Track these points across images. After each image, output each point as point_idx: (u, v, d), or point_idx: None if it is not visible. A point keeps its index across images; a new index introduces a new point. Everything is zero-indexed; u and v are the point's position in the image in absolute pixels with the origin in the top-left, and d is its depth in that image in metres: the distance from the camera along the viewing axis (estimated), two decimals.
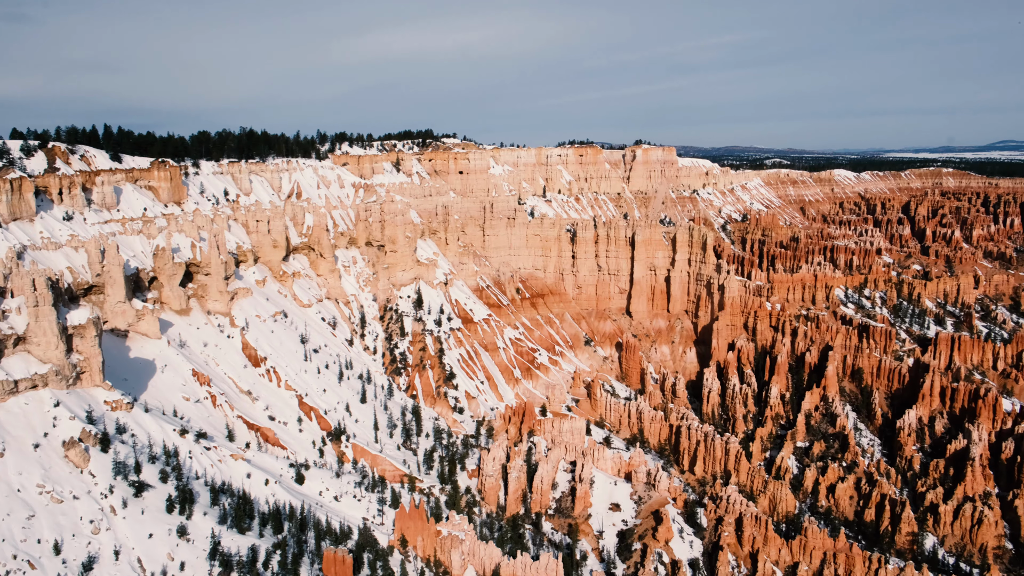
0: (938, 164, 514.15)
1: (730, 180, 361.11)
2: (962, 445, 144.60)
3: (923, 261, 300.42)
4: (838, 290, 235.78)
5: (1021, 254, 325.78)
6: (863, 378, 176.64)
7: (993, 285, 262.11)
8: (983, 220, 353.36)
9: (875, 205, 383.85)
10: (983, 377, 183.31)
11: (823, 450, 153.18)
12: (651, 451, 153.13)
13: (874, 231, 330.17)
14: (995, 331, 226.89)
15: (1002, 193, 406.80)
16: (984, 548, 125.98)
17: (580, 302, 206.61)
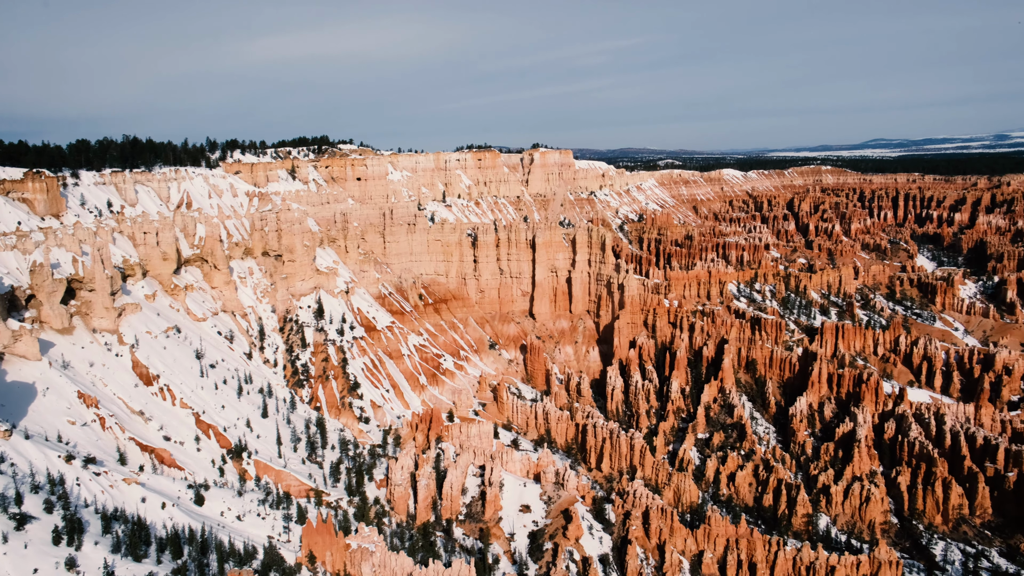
0: (817, 162, 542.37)
1: (626, 181, 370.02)
2: (849, 428, 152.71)
3: (808, 255, 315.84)
4: (731, 285, 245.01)
5: (894, 245, 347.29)
6: (757, 369, 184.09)
7: (871, 275, 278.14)
8: (860, 214, 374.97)
9: (762, 202, 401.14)
10: (865, 363, 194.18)
11: (723, 440, 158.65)
12: (559, 451, 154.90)
13: (762, 227, 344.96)
14: (874, 319, 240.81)
15: (875, 188, 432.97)
16: (872, 524, 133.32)
17: (483, 306, 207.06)
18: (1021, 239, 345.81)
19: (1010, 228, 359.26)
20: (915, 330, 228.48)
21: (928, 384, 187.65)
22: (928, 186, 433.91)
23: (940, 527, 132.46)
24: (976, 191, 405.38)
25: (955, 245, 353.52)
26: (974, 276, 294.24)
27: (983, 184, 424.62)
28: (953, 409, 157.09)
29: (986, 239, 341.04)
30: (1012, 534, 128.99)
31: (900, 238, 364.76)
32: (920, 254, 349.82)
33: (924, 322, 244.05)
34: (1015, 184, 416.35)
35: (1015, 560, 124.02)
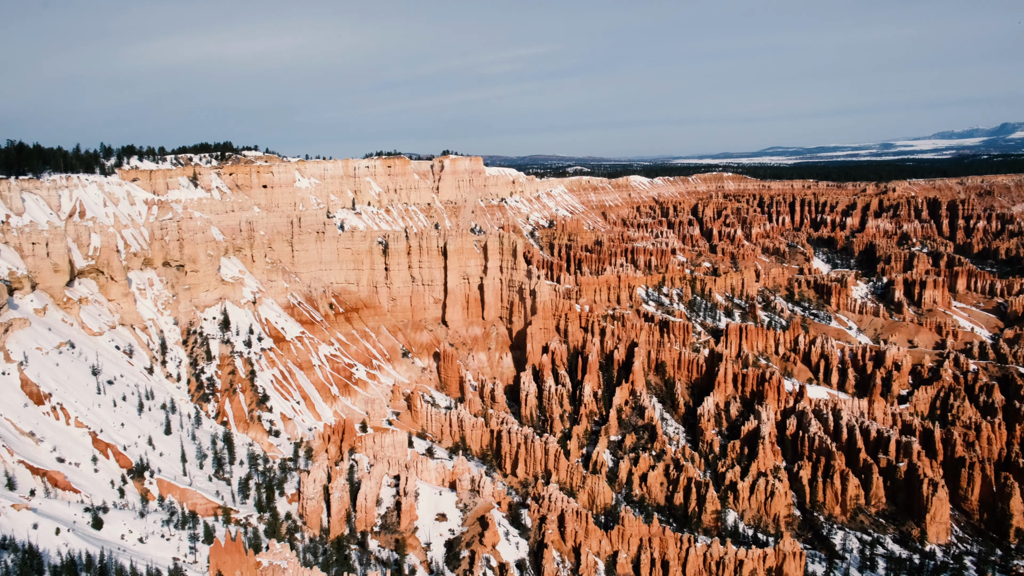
0: (720, 169, 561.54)
1: (536, 188, 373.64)
2: (754, 426, 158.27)
3: (712, 259, 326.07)
4: (640, 289, 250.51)
5: (792, 249, 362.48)
6: (666, 371, 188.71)
7: (771, 278, 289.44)
8: (760, 219, 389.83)
9: (668, 208, 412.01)
10: (768, 362, 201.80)
11: (635, 442, 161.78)
12: (474, 458, 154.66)
13: (668, 232, 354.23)
14: (775, 319, 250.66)
15: (774, 194, 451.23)
16: (777, 517, 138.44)
17: (395, 314, 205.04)
18: (906, 242, 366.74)
19: (896, 231, 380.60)
20: (813, 330, 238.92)
21: (826, 381, 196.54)
22: (822, 192, 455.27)
23: (839, 517, 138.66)
24: (865, 197, 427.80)
25: (848, 248, 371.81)
26: (865, 277, 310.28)
27: (871, 190, 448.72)
28: (849, 404, 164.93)
29: (875, 242, 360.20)
30: (904, 521, 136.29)
31: (797, 242, 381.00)
32: (816, 257, 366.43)
33: (821, 322, 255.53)
34: (900, 190, 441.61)
35: (907, 546, 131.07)
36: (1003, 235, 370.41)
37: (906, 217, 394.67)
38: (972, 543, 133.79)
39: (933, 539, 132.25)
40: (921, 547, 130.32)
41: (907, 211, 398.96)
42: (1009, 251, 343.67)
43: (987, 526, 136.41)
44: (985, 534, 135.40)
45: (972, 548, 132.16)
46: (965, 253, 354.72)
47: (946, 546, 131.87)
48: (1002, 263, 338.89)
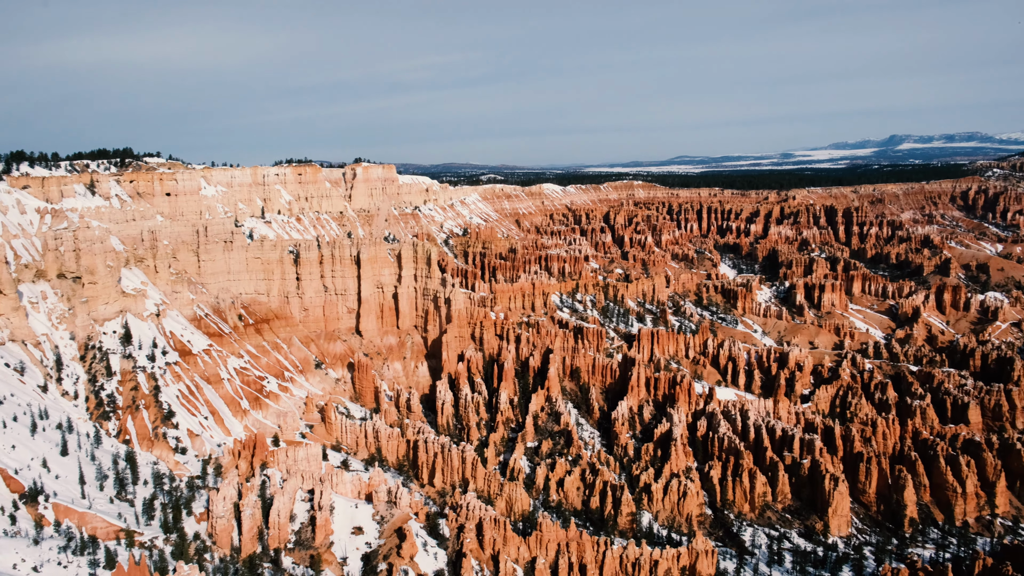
0: (630, 177, 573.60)
1: (450, 196, 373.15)
2: (666, 428, 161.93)
3: (624, 265, 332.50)
4: (554, 296, 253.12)
5: (700, 255, 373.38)
6: (581, 376, 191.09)
7: (681, 283, 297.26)
8: (669, 226, 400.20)
9: (580, 216, 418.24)
10: (678, 365, 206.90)
11: (551, 447, 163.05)
12: (391, 469, 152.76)
13: (581, 240, 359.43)
14: (685, 324, 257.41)
15: (682, 202, 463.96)
16: (690, 517, 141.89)
17: (308, 325, 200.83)
18: (805, 248, 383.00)
19: (797, 237, 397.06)
20: (721, 333, 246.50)
21: (734, 383, 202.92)
22: (727, 200, 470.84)
23: (748, 515, 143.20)
24: (768, 204, 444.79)
25: (752, 254, 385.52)
26: (769, 282, 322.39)
27: (773, 198, 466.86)
28: (756, 405, 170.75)
29: (777, 248, 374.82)
30: (808, 515, 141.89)
31: (705, 248, 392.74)
32: (723, 262, 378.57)
33: (728, 325, 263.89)
34: (799, 198, 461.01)
35: (811, 539, 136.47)
36: (893, 240, 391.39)
37: (806, 224, 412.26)
38: (871, 534, 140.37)
39: (835, 531, 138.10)
40: (824, 540, 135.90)
41: (806, 218, 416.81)
42: (899, 255, 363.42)
43: (884, 517, 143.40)
44: (882, 525, 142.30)
45: (871, 539, 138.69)
46: (860, 258, 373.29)
47: (847, 538, 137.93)
48: (893, 267, 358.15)
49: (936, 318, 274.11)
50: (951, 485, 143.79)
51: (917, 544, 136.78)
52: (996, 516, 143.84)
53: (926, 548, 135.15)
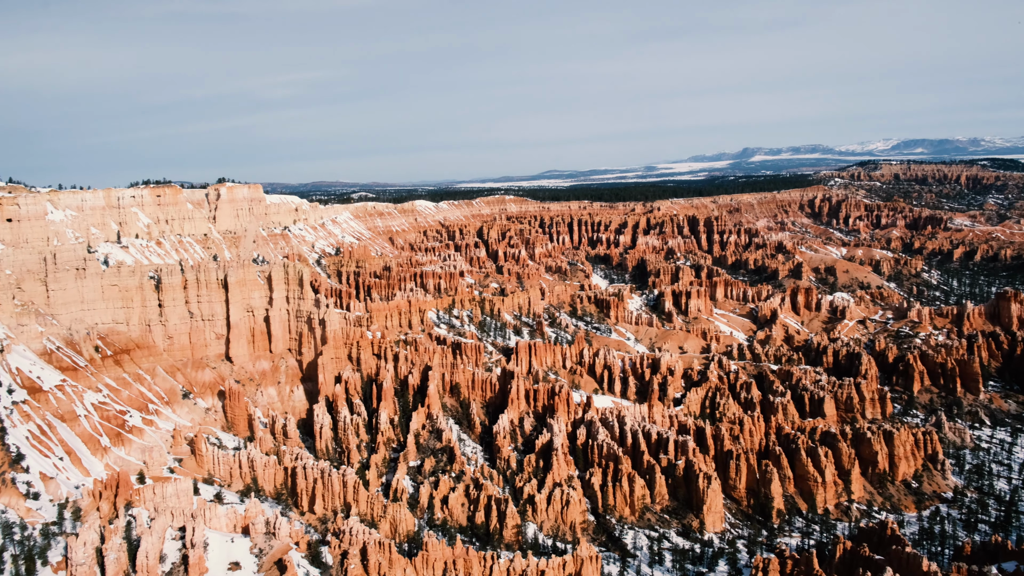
0: (502, 192, 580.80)
1: (320, 215, 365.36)
2: (547, 439, 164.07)
3: (499, 279, 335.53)
4: (431, 313, 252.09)
5: (573, 267, 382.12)
6: (461, 392, 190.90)
7: (555, 295, 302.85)
8: (542, 239, 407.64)
9: (454, 232, 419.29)
10: (556, 376, 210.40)
11: (434, 465, 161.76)
12: (268, 499, 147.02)
13: (456, 255, 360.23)
14: (561, 335, 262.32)
15: (553, 215, 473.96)
16: (574, 525, 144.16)
17: (173, 353, 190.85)
18: (672, 256, 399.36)
19: (663, 247, 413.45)
20: (596, 342, 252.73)
21: (610, 390, 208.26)
22: (597, 212, 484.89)
23: (629, 518, 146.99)
24: (635, 215, 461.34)
25: (622, 264, 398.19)
26: (639, 291, 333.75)
27: (640, 209, 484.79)
28: (632, 410, 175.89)
29: (646, 257, 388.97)
30: (685, 514, 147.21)
31: (577, 260, 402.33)
32: (595, 273, 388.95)
33: (602, 334, 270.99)
34: (664, 209, 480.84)
35: (689, 537, 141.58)
36: (751, 247, 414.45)
37: (671, 233, 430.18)
38: (743, 527, 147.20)
39: (711, 528, 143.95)
40: (701, 536, 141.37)
41: (671, 228, 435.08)
42: (756, 261, 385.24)
43: (754, 510, 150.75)
44: (753, 518, 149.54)
45: (743, 532, 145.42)
46: (721, 264, 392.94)
47: (722, 533, 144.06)
48: (751, 272, 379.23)
49: (792, 319, 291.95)
50: (812, 476, 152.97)
51: (785, 533, 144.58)
52: (852, 502, 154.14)
53: (793, 537, 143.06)
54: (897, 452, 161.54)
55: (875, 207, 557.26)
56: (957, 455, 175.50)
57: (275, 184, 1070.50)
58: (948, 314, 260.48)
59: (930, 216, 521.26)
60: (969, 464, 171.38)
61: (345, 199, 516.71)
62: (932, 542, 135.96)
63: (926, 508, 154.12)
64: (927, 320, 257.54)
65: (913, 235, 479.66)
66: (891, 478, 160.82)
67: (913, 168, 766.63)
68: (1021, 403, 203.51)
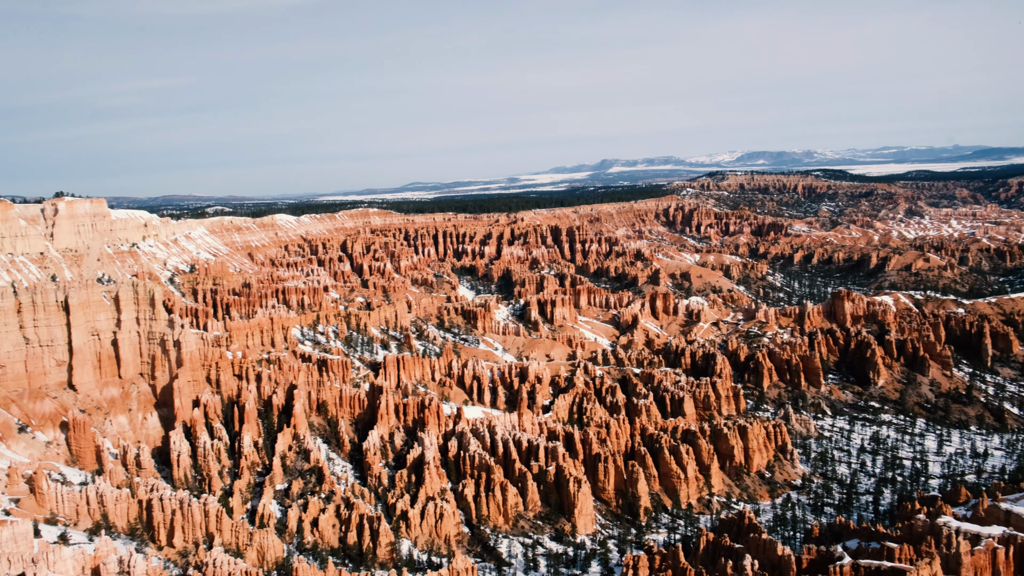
0: (365, 205, 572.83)
1: (172, 231, 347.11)
2: (419, 453, 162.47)
3: (365, 293, 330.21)
4: (294, 330, 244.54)
5: (439, 279, 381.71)
6: (329, 410, 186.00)
7: (422, 308, 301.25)
8: (407, 252, 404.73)
9: (317, 246, 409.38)
10: (426, 389, 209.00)
11: (302, 487, 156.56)
12: (121, 535, 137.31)
13: (319, 270, 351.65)
14: (429, 347, 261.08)
15: (418, 228, 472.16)
16: (448, 538, 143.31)
17: (6, 383, 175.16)
18: (536, 266, 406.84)
19: (527, 257, 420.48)
20: (464, 353, 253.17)
21: (480, 400, 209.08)
22: (461, 224, 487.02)
23: (503, 527, 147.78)
24: (499, 227, 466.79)
25: (488, 275, 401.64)
26: (506, 301, 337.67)
27: (504, 221, 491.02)
28: (502, 420, 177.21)
29: (511, 268, 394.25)
30: (558, 519, 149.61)
31: (443, 272, 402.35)
32: (461, 285, 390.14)
33: (471, 345, 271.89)
34: (527, 220, 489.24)
35: (562, 541, 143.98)
36: (611, 255, 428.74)
37: (535, 243, 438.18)
38: (613, 527, 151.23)
39: (582, 530, 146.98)
40: (573, 539, 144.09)
41: (535, 238, 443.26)
42: (617, 269, 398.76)
43: (623, 510, 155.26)
44: (622, 517, 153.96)
45: (614, 532, 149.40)
46: (584, 273, 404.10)
47: (593, 534, 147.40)
48: (613, 280, 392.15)
49: (652, 323, 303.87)
50: (675, 473, 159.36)
51: (652, 530, 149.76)
52: (713, 495, 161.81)
53: (660, 533, 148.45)
54: (751, 445, 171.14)
55: (724, 215, 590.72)
56: (804, 444, 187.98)
57: (121, 198, 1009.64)
58: (791, 314, 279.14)
59: (772, 223, 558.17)
60: (814, 452, 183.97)
61: (200, 214, 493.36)
62: (785, 527, 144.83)
63: (779, 496, 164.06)
64: (773, 320, 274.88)
65: (758, 241, 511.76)
66: (747, 470, 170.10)
67: (756, 179, 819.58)
68: (857, 393, 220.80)
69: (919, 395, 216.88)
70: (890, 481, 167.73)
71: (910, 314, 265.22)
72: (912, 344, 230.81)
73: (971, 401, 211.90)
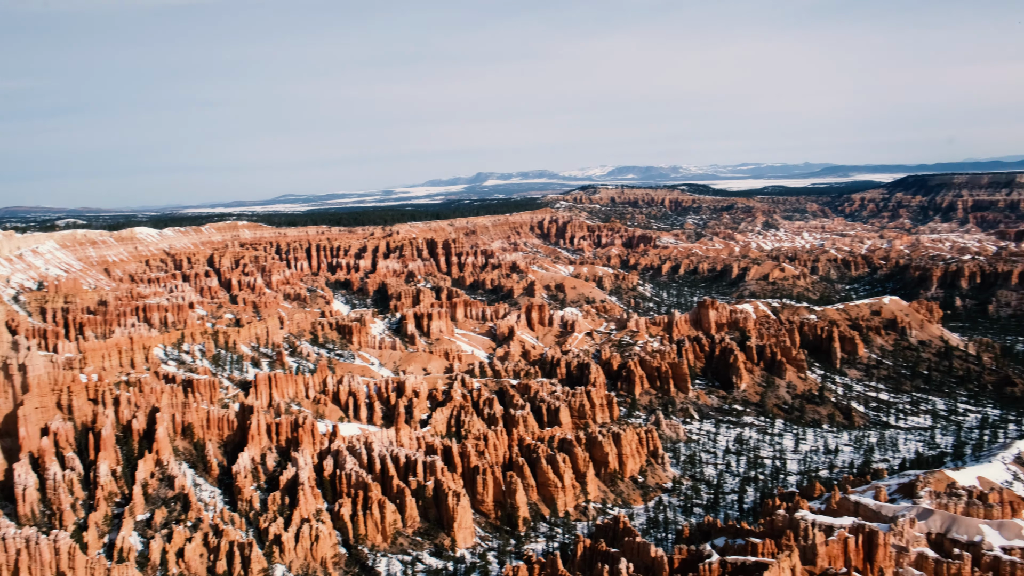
0: (234, 218, 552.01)
1: (17, 245, 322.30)
2: (292, 473, 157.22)
3: (234, 310, 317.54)
4: (157, 349, 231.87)
5: (313, 293, 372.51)
6: (195, 433, 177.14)
7: (295, 324, 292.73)
8: (279, 266, 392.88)
9: (181, 261, 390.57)
10: (300, 407, 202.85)
11: (166, 516, 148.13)
12: None
13: (184, 286, 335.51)
14: (303, 364, 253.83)
15: (290, 241, 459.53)
16: (324, 560, 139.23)
17: None
18: (412, 279, 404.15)
19: (403, 270, 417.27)
20: (339, 369, 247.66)
21: (356, 417, 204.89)
22: (335, 237, 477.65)
23: (381, 545, 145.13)
24: (374, 239, 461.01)
25: (363, 288, 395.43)
26: (381, 315, 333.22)
27: (379, 233, 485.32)
28: (379, 436, 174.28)
29: (387, 281, 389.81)
30: (437, 534, 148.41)
31: (317, 286, 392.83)
32: (336, 299, 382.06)
33: (346, 361, 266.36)
34: (403, 233, 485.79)
35: (442, 556, 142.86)
36: (487, 268, 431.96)
37: (411, 256, 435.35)
38: (493, 539, 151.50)
39: (462, 544, 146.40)
40: (453, 554, 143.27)
41: (411, 251, 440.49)
42: (493, 281, 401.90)
43: (502, 521, 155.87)
44: (501, 529, 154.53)
45: (493, 544, 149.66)
46: (460, 286, 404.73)
47: (473, 547, 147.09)
48: (489, 292, 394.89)
49: (528, 335, 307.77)
50: (553, 482, 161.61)
51: (531, 540, 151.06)
52: (590, 502, 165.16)
53: (538, 542, 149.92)
54: (625, 451, 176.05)
55: (596, 228, 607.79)
56: (674, 448, 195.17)
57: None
58: (660, 323, 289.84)
59: (642, 235, 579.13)
60: (684, 455, 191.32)
61: (49, 226, 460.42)
62: (658, 529, 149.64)
63: (651, 499, 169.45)
64: (644, 329, 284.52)
65: (629, 253, 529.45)
66: (621, 476, 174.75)
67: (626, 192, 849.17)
68: (721, 397, 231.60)
69: (777, 397, 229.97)
70: (753, 480, 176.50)
71: (768, 321, 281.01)
72: (770, 349, 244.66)
73: (823, 401, 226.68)
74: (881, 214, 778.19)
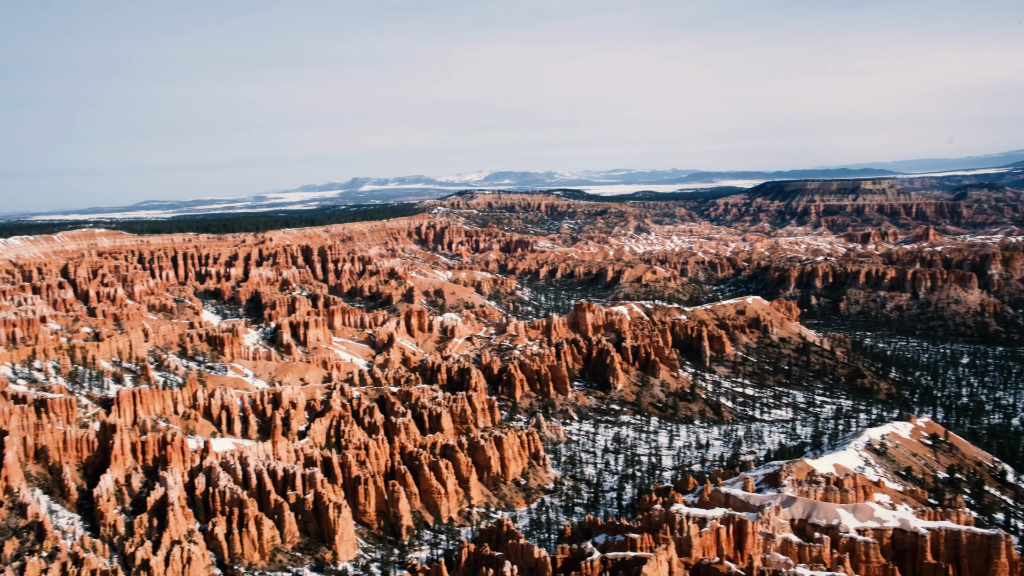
0: (90, 225, 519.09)
1: None
2: (161, 494, 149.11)
3: (92, 323, 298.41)
4: (4, 367, 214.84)
5: (180, 304, 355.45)
6: (50, 456, 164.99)
7: (161, 336, 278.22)
8: (142, 276, 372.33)
9: (31, 271, 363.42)
10: (168, 424, 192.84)
11: (18, 547, 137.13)
12: None
13: (35, 299, 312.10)
14: (171, 378, 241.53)
15: (154, 249, 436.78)
16: None
17: None
18: (287, 287, 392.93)
19: (278, 278, 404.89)
20: (211, 383, 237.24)
21: (230, 431, 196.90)
22: (204, 244, 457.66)
23: (259, 563, 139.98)
24: (246, 247, 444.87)
25: (235, 298, 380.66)
26: (255, 324, 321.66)
27: (251, 240, 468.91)
28: (255, 450, 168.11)
29: (260, 290, 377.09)
30: (318, 548, 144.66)
31: (185, 296, 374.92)
32: (205, 309, 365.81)
33: (218, 373, 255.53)
34: (276, 239, 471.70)
35: (323, 571, 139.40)
36: (365, 274, 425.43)
37: (285, 264, 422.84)
38: (376, 550, 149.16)
39: (344, 557, 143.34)
40: (335, 567, 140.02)
41: (285, 258, 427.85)
42: (371, 288, 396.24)
43: (385, 531, 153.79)
44: (384, 539, 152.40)
45: (376, 555, 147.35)
46: (338, 293, 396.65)
47: (355, 560, 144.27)
48: (367, 299, 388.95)
49: (408, 341, 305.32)
50: (436, 488, 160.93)
51: (415, 548, 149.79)
52: (473, 507, 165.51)
53: (422, 550, 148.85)
54: (507, 455, 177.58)
55: (474, 233, 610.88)
56: (555, 450, 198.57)
57: None
58: (539, 326, 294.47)
59: (519, 240, 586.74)
60: (564, 456, 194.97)
61: None
62: (541, 530, 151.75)
63: (533, 501, 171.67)
64: (523, 333, 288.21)
65: (507, 257, 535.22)
66: (504, 479, 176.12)
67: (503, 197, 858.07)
68: (599, 398, 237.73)
69: (652, 396, 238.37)
70: (631, 477, 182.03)
71: (642, 322, 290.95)
72: (644, 350, 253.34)
73: (694, 398, 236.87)
74: (743, 218, 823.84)
